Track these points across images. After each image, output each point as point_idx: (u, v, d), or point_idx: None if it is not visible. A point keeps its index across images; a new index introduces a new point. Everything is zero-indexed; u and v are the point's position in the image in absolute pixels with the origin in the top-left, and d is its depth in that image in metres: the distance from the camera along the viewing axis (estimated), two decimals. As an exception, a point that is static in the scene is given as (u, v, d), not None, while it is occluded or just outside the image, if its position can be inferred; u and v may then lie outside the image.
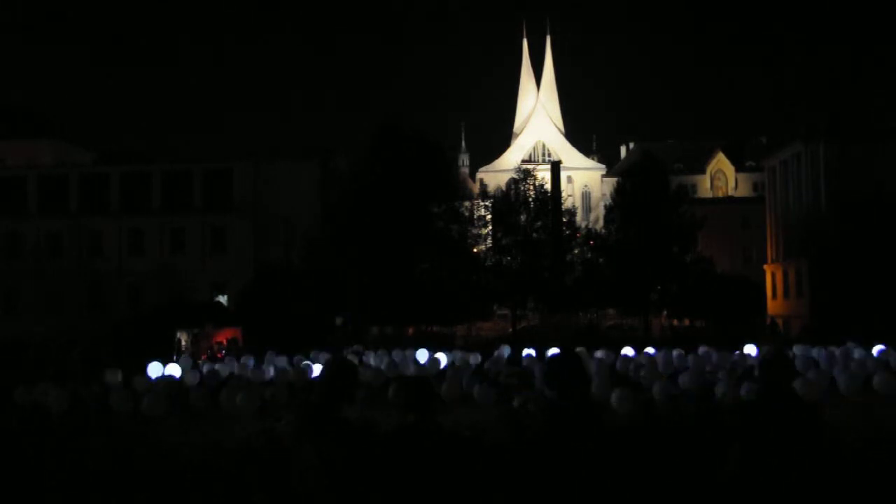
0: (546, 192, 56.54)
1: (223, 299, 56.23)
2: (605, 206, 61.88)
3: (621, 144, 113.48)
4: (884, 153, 54.24)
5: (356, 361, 29.21)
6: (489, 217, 57.81)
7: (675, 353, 28.30)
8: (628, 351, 30.62)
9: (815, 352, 28.34)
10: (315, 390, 5.03)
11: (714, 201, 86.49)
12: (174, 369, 27.16)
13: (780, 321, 56.00)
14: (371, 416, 5.21)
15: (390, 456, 4.75)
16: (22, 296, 59.80)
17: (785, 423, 5.32)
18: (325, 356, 27.81)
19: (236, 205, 60.56)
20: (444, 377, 23.43)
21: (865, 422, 15.11)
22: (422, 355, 30.25)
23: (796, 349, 29.39)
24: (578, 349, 30.14)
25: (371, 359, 30.31)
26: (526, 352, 30.13)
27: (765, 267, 66.33)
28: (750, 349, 28.81)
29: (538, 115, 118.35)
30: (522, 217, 55.78)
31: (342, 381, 4.95)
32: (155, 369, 26.59)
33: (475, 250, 56.91)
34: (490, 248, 57.28)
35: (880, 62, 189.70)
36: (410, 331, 49.67)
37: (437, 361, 28.65)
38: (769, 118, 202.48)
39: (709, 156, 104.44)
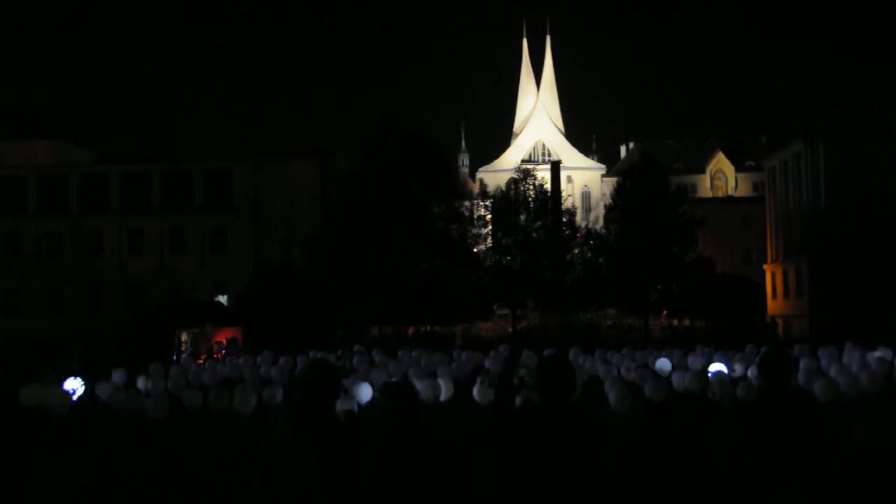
0: (546, 192, 56.58)
1: (223, 299, 56.22)
2: (605, 206, 61.89)
3: (621, 144, 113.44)
4: (884, 153, 54.26)
5: (353, 362, 29.27)
6: (489, 217, 57.81)
7: (674, 352, 28.29)
8: (628, 351, 30.58)
9: (819, 352, 28.28)
10: (297, 391, 5.01)
11: (714, 201, 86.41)
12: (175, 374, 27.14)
13: (780, 321, 56.04)
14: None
15: (376, 456, 4.79)
16: (22, 296, 59.73)
17: (786, 422, 5.33)
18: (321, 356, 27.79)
19: (236, 205, 60.54)
20: (444, 378, 23.40)
21: (865, 422, 15.12)
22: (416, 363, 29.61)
23: (797, 350, 29.35)
24: (577, 349, 30.19)
25: (367, 359, 30.25)
26: (525, 352, 30.06)
27: (765, 267, 66.32)
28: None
29: (538, 115, 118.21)
30: (522, 217, 55.78)
31: (324, 382, 4.92)
32: (156, 370, 26.61)
33: (475, 250, 56.92)
34: (490, 248, 57.29)
35: (880, 62, 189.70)
36: (411, 331, 49.66)
37: (437, 362, 28.60)
38: (769, 118, 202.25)
39: (709, 156, 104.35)
